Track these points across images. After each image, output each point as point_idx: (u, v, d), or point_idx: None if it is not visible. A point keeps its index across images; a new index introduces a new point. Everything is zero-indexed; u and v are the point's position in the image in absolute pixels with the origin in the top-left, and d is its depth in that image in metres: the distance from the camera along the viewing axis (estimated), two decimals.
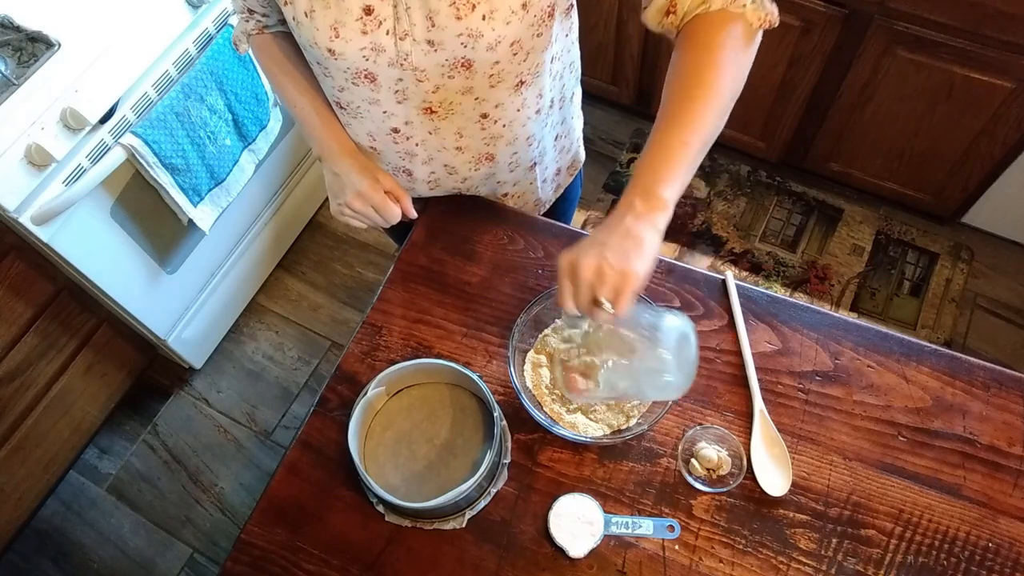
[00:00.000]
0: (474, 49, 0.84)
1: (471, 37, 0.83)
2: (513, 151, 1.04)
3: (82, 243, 1.49)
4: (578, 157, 1.25)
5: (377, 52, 0.85)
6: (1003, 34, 1.57)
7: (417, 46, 0.84)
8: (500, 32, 0.83)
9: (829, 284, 2.13)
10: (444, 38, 0.83)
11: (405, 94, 0.91)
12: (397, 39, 0.84)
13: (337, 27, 0.83)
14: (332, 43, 0.84)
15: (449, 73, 0.88)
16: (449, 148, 1.00)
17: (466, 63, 0.86)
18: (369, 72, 0.88)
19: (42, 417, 1.71)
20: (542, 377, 0.95)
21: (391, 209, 0.99)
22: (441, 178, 1.07)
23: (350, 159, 1.00)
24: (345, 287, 2.19)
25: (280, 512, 0.91)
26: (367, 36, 0.84)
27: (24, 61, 1.30)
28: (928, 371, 0.96)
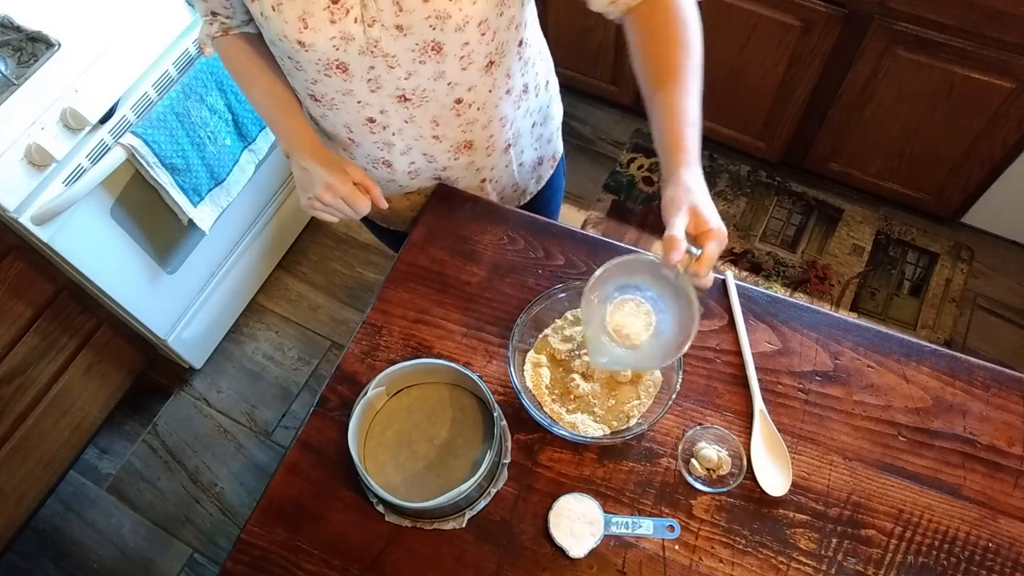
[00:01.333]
0: (443, 31, 0.85)
1: (439, 19, 0.84)
2: (489, 134, 1.05)
3: (82, 243, 1.49)
4: (557, 148, 1.26)
5: (347, 41, 0.86)
6: (1003, 34, 1.57)
7: (386, 32, 0.85)
8: (467, 12, 0.84)
9: (829, 284, 2.13)
10: (412, 22, 0.84)
11: (378, 82, 0.92)
12: (365, 26, 0.84)
13: (305, 18, 0.84)
14: (301, 34, 0.85)
15: (420, 58, 0.88)
16: (426, 136, 1.01)
17: (436, 46, 0.87)
18: (340, 62, 0.89)
19: (42, 417, 1.71)
20: (542, 377, 0.95)
21: (360, 200, 0.99)
22: (421, 168, 1.07)
23: (317, 152, 1.00)
24: (345, 287, 2.19)
25: (280, 512, 0.91)
26: (335, 25, 0.84)
27: (24, 61, 1.30)
28: (928, 371, 0.96)
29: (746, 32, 1.85)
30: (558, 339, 0.98)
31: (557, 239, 1.08)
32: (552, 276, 1.05)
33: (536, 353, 0.98)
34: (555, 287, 0.97)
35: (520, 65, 1.01)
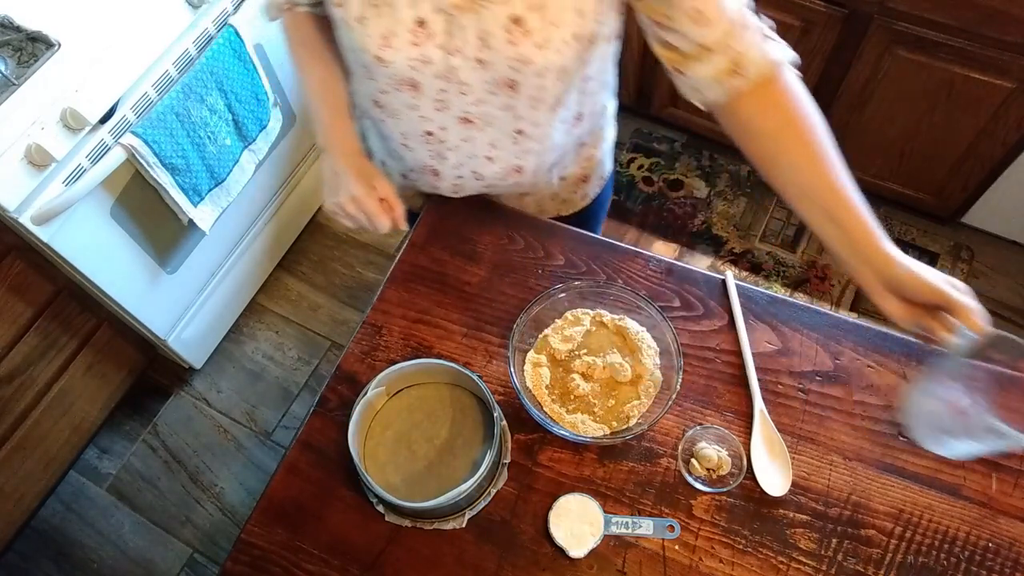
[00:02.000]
0: (522, 73, 0.85)
1: (521, 63, 0.83)
2: (539, 160, 1.05)
3: (82, 243, 1.49)
4: (606, 167, 1.23)
5: (425, 64, 0.85)
6: (1003, 34, 1.57)
7: (466, 63, 0.85)
8: (551, 60, 0.83)
9: (829, 284, 2.13)
10: (494, 59, 0.83)
11: (446, 104, 0.92)
12: (447, 54, 0.84)
13: (388, 36, 0.83)
14: (381, 51, 0.84)
15: (493, 90, 0.88)
16: (480, 157, 1.01)
17: (511, 83, 0.87)
18: (414, 80, 0.88)
19: (42, 417, 1.71)
20: (542, 377, 0.95)
21: (382, 220, 0.97)
22: (467, 181, 1.07)
23: (352, 160, 1.00)
24: (345, 287, 2.19)
25: (280, 512, 0.91)
26: (417, 48, 0.84)
27: (24, 61, 1.30)
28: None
29: None
30: (558, 339, 0.98)
31: (557, 239, 1.08)
32: (552, 276, 1.05)
33: (536, 353, 0.98)
34: (555, 287, 0.97)
35: (581, 97, 1.00)
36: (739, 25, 0.82)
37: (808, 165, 0.83)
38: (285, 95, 1.85)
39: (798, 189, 0.85)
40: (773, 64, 0.84)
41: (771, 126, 0.85)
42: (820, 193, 0.83)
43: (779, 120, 0.85)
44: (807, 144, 0.83)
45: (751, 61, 0.83)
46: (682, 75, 0.88)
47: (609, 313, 0.99)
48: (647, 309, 0.95)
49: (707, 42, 0.83)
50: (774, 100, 0.85)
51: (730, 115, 0.88)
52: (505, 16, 0.80)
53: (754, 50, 0.84)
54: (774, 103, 0.85)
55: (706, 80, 0.86)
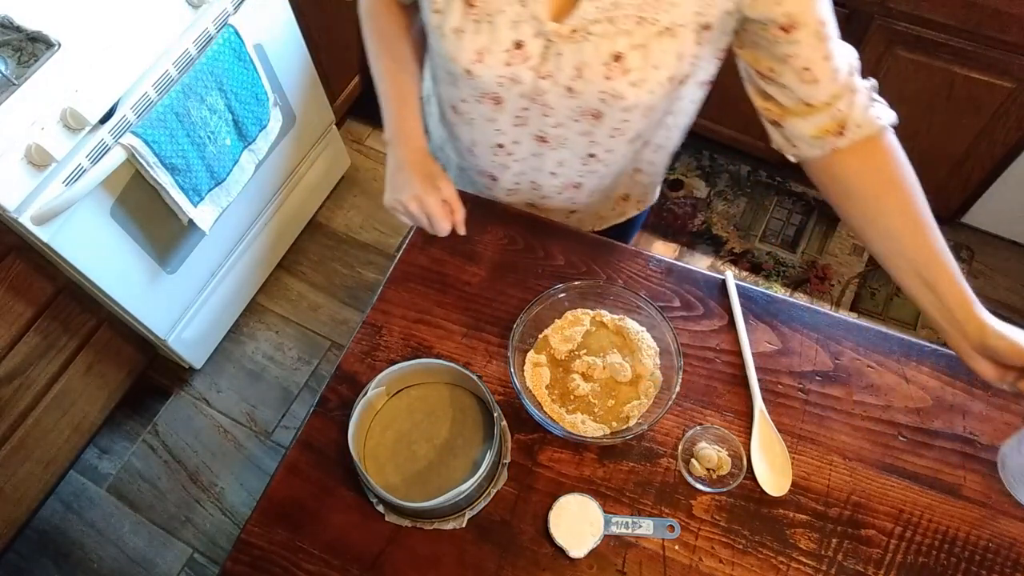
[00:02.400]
0: (610, 107, 0.85)
1: (612, 97, 0.83)
2: (599, 181, 1.05)
3: (82, 243, 1.49)
4: (653, 196, 1.22)
5: (514, 83, 0.85)
6: (1003, 34, 1.57)
7: (556, 88, 0.84)
8: (642, 98, 0.83)
9: (829, 284, 2.13)
10: (586, 90, 0.83)
11: (525, 121, 0.92)
12: (538, 77, 0.84)
13: (483, 53, 0.83)
14: (472, 66, 0.84)
15: (576, 117, 0.88)
16: (544, 172, 1.01)
17: (596, 114, 0.87)
18: (498, 96, 0.88)
19: (42, 417, 1.71)
20: (542, 377, 0.95)
21: (444, 223, 0.96)
22: (523, 191, 1.07)
23: (418, 160, 0.98)
24: (345, 287, 2.19)
25: (280, 512, 0.90)
26: (509, 67, 0.84)
27: (24, 61, 1.30)
28: (928, 371, 0.96)
29: None
30: (558, 339, 0.98)
31: (557, 239, 1.08)
32: (552, 276, 1.05)
33: (536, 353, 0.98)
34: (555, 287, 0.97)
35: (658, 132, 1.00)
36: (848, 88, 0.82)
37: (906, 231, 0.82)
38: (285, 95, 1.85)
39: (893, 252, 0.84)
40: (879, 128, 0.84)
41: (870, 189, 0.84)
42: (917, 259, 0.82)
43: (879, 183, 0.84)
44: (906, 210, 0.82)
45: (856, 123, 0.83)
46: (778, 127, 0.87)
47: (609, 313, 0.99)
48: (647, 309, 0.95)
49: (813, 101, 0.83)
50: (875, 163, 0.84)
51: (824, 171, 0.87)
52: (607, 51, 0.79)
53: (860, 112, 0.83)
54: (875, 166, 0.84)
55: (805, 136, 0.85)
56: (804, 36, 0.78)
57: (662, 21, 0.77)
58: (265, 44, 1.71)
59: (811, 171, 0.90)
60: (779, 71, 0.82)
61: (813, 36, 0.78)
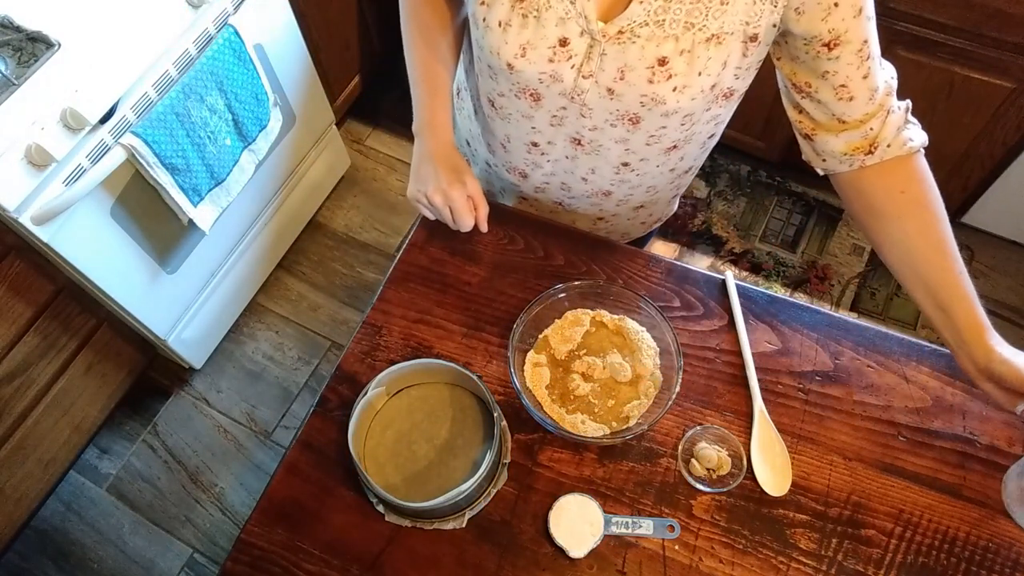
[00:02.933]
0: (650, 111, 0.84)
1: (653, 101, 0.83)
2: (630, 194, 1.04)
3: (82, 243, 1.49)
4: (672, 209, 1.23)
5: (555, 80, 0.85)
6: (1003, 34, 1.57)
7: (597, 88, 0.84)
8: (682, 105, 0.83)
9: (829, 284, 2.13)
10: (627, 92, 0.83)
11: (562, 121, 0.91)
12: (580, 76, 0.84)
13: (527, 48, 0.83)
14: (516, 60, 0.84)
15: (613, 121, 0.88)
16: (576, 175, 1.01)
17: (635, 119, 0.86)
18: (537, 93, 0.88)
19: (42, 417, 1.71)
20: (542, 377, 0.95)
21: (467, 218, 0.95)
22: (552, 189, 1.07)
23: (444, 153, 0.97)
24: (345, 287, 2.19)
25: (280, 512, 0.90)
26: (552, 64, 0.83)
27: (24, 61, 1.30)
28: (928, 371, 0.96)
29: None
30: (558, 339, 0.98)
31: (557, 239, 1.08)
32: (552, 276, 1.05)
33: (536, 353, 0.98)
34: (555, 287, 0.97)
35: (698, 151, 1.00)
36: (882, 107, 0.83)
37: (926, 253, 0.83)
38: (285, 95, 1.85)
39: (910, 271, 0.85)
40: (909, 150, 0.84)
41: (893, 208, 0.85)
42: (933, 282, 0.83)
43: (903, 203, 0.84)
44: (928, 233, 0.83)
45: (887, 143, 0.83)
46: (810, 141, 0.87)
47: (609, 313, 0.99)
48: (647, 309, 0.95)
49: (847, 118, 0.83)
50: (901, 183, 0.85)
51: (850, 185, 0.88)
52: (652, 55, 0.79)
53: (892, 133, 0.84)
54: (901, 186, 0.85)
55: (835, 152, 0.86)
56: (845, 54, 0.78)
57: (710, 28, 0.77)
58: (265, 44, 1.71)
59: (837, 184, 0.90)
60: (816, 86, 0.82)
61: (855, 55, 0.78)
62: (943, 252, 0.83)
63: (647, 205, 1.11)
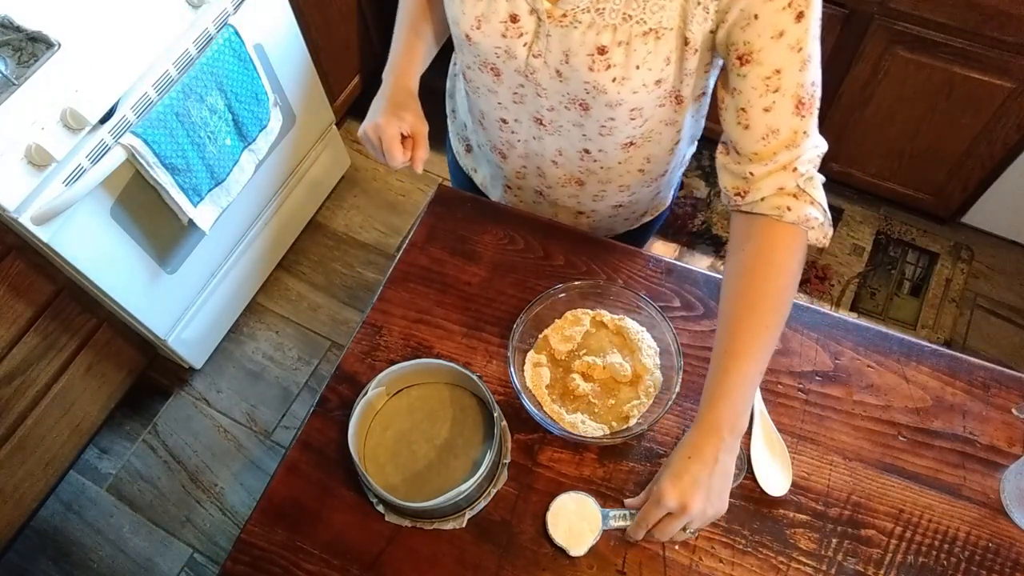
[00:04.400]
0: (595, 99, 0.85)
1: (595, 89, 0.83)
2: (602, 188, 1.04)
3: (82, 243, 1.49)
4: (665, 200, 1.21)
5: (509, 56, 0.86)
6: (1003, 34, 1.57)
7: (546, 69, 0.85)
8: (624, 97, 0.83)
9: (829, 284, 2.13)
10: (572, 77, 0.84)
11: (523, 99, 0.92)
12: (531, 55, 0.85)
13: (481, 20, 0.84)
14: (472, 32, 0.85)
15: (567, 104, 0.89)
16: (546, 158, 1.01)
17: (584, 105, 0.87)
18: (496, 67, 0.89)
19: (42, 417, 1.71)
20: (542, 377, 0.95)
21: (396, 153, 0.91)
22: (530, 175, 1.08)
23: (394, 89, 0.96)
24: (345, 287, 2.19)
25: (280, 512, 0.91)
26: (505, 39, 0.84)
27: (24, 61, 1.30)
28: (928, 371, 0.96)
29: None
30: (558, 339, 0.98)
31: (557, 239, 1.08)
32: (552, 276, 1.05)
33: (536, 353, 0.98)
34: (555, 287, 0.97)
35: (665, 155, 0.99)
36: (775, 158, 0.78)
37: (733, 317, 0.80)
38: (285, 95, 1.85)
39: (722, 317, 0.82)
40: (779, 218, 0.80)
41: (745, 262, 0.82)
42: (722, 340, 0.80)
43: (752, 266, 0.81)
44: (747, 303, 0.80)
45: (761, 198, 0.81)
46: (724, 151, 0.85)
47: (609, 313, 0.99)
48: (647, 309, 0.95)
49: (740, 148, 0.80)
50: (758, 245, 0.81)
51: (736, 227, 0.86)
52: (592, 43, 0.79)
53: (771, 190, 0.80)
54: (756, 248, 0.81)
55: (723, 175, 0.85)
56: (753, 75, 0.75)
57: (648, 22, 0.77)
58: (265, 44, 1.71)
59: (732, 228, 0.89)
60: (727, 102, 0.80)
61: (762, 80, 0.75)
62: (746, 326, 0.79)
63: (626, 205, 1.11)
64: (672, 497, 0.75)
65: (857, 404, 0.94)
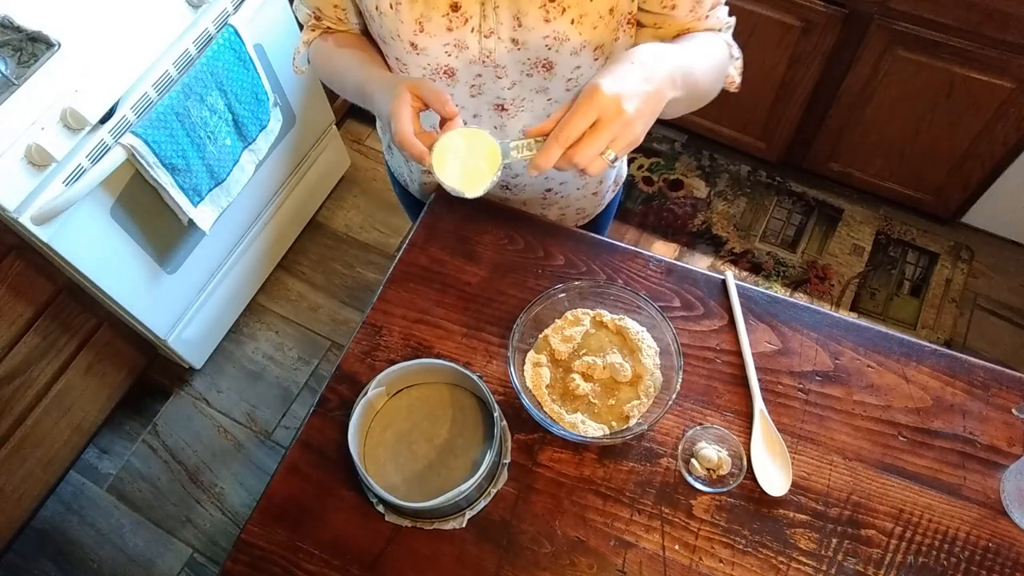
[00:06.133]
0: (558, 52, 0.85)
1: (557, 40, 0.83)
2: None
3: (82, 243, 1.49)
4: (622, 172, 1.23)
5: (460, 49, 0.85)
6: (1003, 34, 1.57)
7: (501, 44, 0.84)
8: (586, 37, 0.83)
9: (829, 284, 2.13)
10: (529, 38, 0.83)
11: (480, 89, 0.91)
12: (482, 36, 0.84)
13: (422, 21, 0.83)
14: (416, 37, 0.84)
15: (528, 71, 0.88)
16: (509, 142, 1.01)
17: (547, 64, 0.87)
18: (449, 67, 0.88)
19: (42, 417, 1.71)
20: (542, 377, 0.95)
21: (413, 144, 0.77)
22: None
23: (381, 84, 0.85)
24: (345, 287, 2.19)
25: (280, 512, 0.91)
26: (452, 32, 0.83)
27: (24, 61, 1.30)
28: (928, 371, 0.96)
29: (746, 32, 1.86)
30: (558, 339, 0.98)
31: (557, 239, 1.08)
32: (552, 276, 1.05)
33: (536, 353, 0.98)
34: (555, 287, 0.97)
35: None
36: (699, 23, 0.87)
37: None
38: (285, 95, 1.85)
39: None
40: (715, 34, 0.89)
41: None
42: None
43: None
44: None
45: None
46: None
47: (609, 313, 0.99)
48: (647, 309, 0.95)
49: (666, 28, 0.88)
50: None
51: None
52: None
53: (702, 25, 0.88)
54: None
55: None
56: None
57: None
58: (265, 44, 1.71)
59: None
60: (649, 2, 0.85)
61: None
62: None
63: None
64: (610, 91, 0.67)
65: (857, 404, 0.94)
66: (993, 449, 0.91)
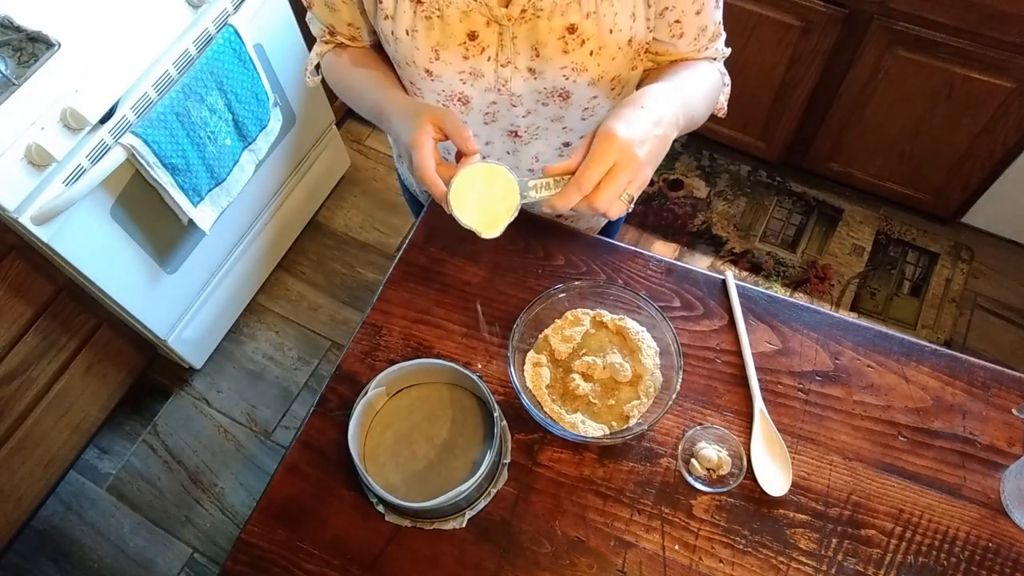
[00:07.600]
0: (575, 83, 0.85)
1: (575, 71, 0.83)
2: None
3: (82, 243, 1.49)
4: None
5: (475, 77, 0.85)
6: (1003, 34, 1.57)
7: (518, 74, 0.84)
8: (604, 68, 0.83)
9: (829, 284, 2.13)
10: (547, 69, 0.83)
11: (495, 117, 0.91)
12: (499, 66, 0.83)
13: (438, 49, 0.82)
14: (431, 64, 0.83)
15: (544, 100, 0.88)
16: (522, 167, 1.01)
17: (564, 94, 0.87)
18: (463, 95, 0.87)
19: (42, 417, 1.71)
20: (542, 377, 0.95)
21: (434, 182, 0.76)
22: None
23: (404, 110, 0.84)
24: (345, 287, 2.19)
25: (280, 512, 0.91)
26: (468, 61, 0.83)
27: (24, 61, 1.30)
28: (928, 371, 0.96)
29: (746, 32, 1.86)
30: (558, 339, 0.98)
31: (557, 239, 1.08)
32: (552, 276, 1.05)
33: (536, 353, 0.98)
34: (555, 287, 0.97)
35: None
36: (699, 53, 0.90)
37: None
38: (285, 95, 1.85)
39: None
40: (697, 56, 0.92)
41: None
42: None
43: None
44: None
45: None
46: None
47: (609, 313, 0.99)
48: (647, 309, 0.95)
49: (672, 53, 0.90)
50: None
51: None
52: (560, 25, 0.79)
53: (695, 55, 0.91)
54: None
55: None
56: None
57: None
58: (265, 44, 1.71)
59: None
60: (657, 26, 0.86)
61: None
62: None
63: None
64: (624, 136, 0.69)
65: (857, 404, 0.94)
66: (993, 449, 0.91)
